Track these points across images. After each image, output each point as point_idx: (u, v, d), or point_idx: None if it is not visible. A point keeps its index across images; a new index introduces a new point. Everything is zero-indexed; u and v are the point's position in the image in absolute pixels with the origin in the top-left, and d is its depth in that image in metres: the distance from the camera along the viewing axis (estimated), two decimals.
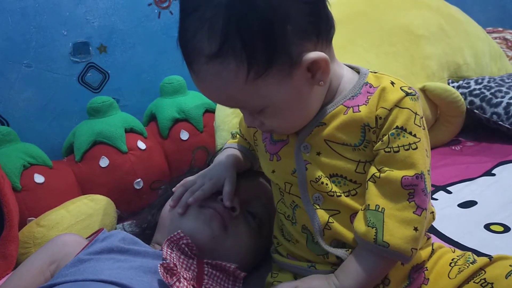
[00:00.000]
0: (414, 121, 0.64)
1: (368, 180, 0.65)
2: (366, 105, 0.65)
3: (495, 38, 1.88)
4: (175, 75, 1.40)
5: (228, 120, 1.18)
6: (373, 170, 0.65)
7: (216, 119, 1.23)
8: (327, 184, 0.67)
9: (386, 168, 0.64)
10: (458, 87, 1.40)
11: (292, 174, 0.70)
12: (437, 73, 1.38)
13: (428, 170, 0.65)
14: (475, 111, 1.37)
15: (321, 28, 0.62)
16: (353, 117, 0.65)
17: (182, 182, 0.83)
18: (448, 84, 1.40)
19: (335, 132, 0.66)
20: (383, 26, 1.40)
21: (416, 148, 0.63)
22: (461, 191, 1.09)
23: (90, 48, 1.39)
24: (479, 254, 0.78)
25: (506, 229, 0.92)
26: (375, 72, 0.70)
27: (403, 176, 0.63)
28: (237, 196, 0.81)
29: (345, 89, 0.68)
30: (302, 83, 0.62)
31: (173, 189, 0.84)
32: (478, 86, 1.38)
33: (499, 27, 2.06)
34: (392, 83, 0.66)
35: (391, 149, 0.63)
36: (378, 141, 0.64)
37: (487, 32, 1.70)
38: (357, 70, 0.71)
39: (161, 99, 1.37)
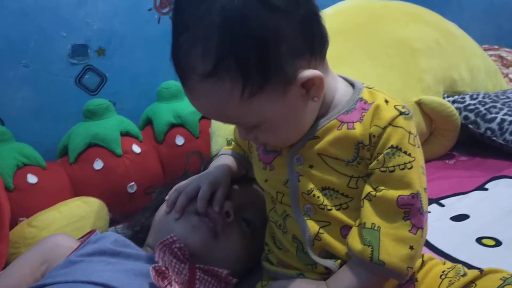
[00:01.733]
0: (409, 140, 0.64)
1: (364, 198, 0.65)
2: (360, 122, 0.65)
3: (491, 55, 1.90)
4: (172, 80, 1.40)
5: (224, 126, 1.18)
6: (368, 188, 0.65)
7: (212, 125, 1.23)
8: (318, 197, 0.67)
9: (382, 187, 0.64)
10: (454, 102, 1.41)
11: (285, 184, 0.70)
12: (433, 87, 1.39)
13: (424, 188, 0.65)
14: (470, 126, 1.38)
15: (315, 45, 0.62)
16: (348, 134, 0.65)
17: (175, 187, 0.83)
18: (444, 98, 1.41)
19: (329, 147, 0.66)
20: (381, 38, 1.41)
21: (412, 167, 0.63)
22: (454, 205, 1.10)
23: (89, 51, 1.39)
24: (470, 267, 0.79)
25: (497, 243, 0.92)
26: (370, 88, 0.69)
27: (399, 196, 0.63)
28: (231, 202, 0.81)
29: (339, 103, 0.68)
30: (296, 100, 0.62)
31: (167, 197, 0.83)
32: (473, 102, 1.39)
33: (495, 45, 2.08)
34: (386, 101, 0.66)
35: (387, 168, 0.64)
36: (373, 160, 0.65)
37: (483, 50, 1.72)
38: (351, 83, 0.71)
39: (157, 104, 1.38)
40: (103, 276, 0.63)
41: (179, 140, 1.31)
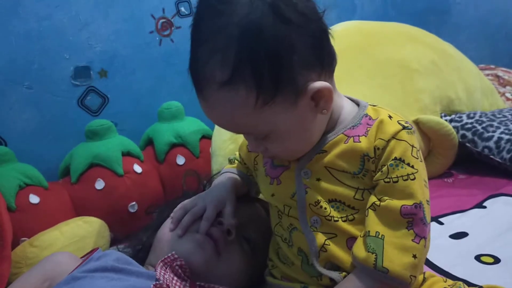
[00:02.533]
0: (412, 153, 0.67)
1: (369, 208, 0.67)
2: (365, 136, 0.68)
3: (488, 75, 1.92)
4: (173, 101, 1.42)
5: (224, 146, 1.19)
6: (373, 199, 0.67)
7: (213, 145, 1.24)
8: (325, 208, 0.69)
9: (386, 198, 0.66)
10: (451, 121, 1.43)
11: (292, 197, 0.72)
12: (430, 107, 1.41)
13: (427, 201, 0.67)
14: (467, 144, 1.40)
15: (325, 60, 0.66)
16: (354, 147, 0.68)
17: (180, 205, 0.84)
18: (441, 117, 1.43)
19: (336, 160, 0.69)
20: (378, 59, 1.43)
21: (414, 178, 0.66)
22: (453, 223, 1.10)
23: (91, 72, 1.41)
24: (469, 284, 0.79)
25: (496, 260, 0.93)
26: (374, 106, 0.73)
27: (402, 205, 0.65)
28: (234, 220, 0.81)
29: (345, 119, 0.71)
30: (306, 111, 0.65)
31: (172, 214, 0.84)
32: (470, 120, 1.41)
33: (491, 65, 2.11)
34: (390, 116, 0.69)
35: (390, 179, 0.66)
36: (378, 172, 0.67)
37: (480, 69, 1.75)
38: (356, 103, 0.74)
39: (158, 124, 1.39)
40: None
41: (180, 160, 1.32)
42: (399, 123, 0.68)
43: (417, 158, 0.68)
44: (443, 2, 2.19)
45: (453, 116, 1.45)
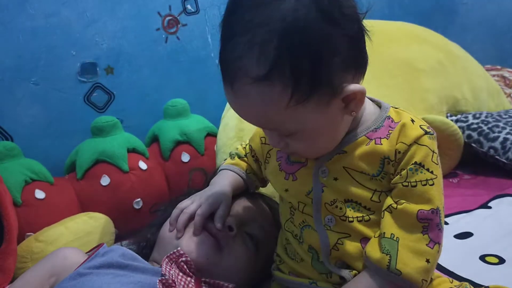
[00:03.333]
0: (432, 159, 0.66)
1: (385, 210, 0.67)
2: (387, 139, 0.67)
3: (494, 75, 1.92)
4: (179, 98, 1.42)
5: (230, 143, 1.19)
6: (390, 201, 0.67)
7: (218, 142, 1.24)
8: (341, 208, 0.69)
9: (403, 201, 0.66)
10: (457, 121, 1.43)
11: (307, 195, 0.71)
12: (436, 107, 1.41)
13: (443, 207, 0.67)
14: (473, 145, 1.39)
15: (360, 62, 0.65)
16: (375, 149, 0.67)
17: (177, 206, 0.84)
18: (447, 117, 1.43)
19: (355, 161, 0.68)
20: (384, 59, 1.43)
21: (433, 184, 0.66)
22: (458, 223, 1.10)
23: (98, 69, 1.42)
24: (474, 285, 0.79)
25: (501, 260, 0.93)
26: (396, 108, 0.72)
27: (419, 210, 0.65)
28: (234, 217, 0.82)
29: (367, 121, 0.70)
30: (336, 112, 0.64)
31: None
32: (476, 121, 1.41)
33: (498, 66, 2.10)
34: (412, 120, 0.69)
35: (409, 183, 0.66)
36: (396, 175, 0.67)
37: (486, 70, 1.74)
38: (378, 104, 0.74)
39: (164, 121, 1.40)
40: None
41: (185, 157, 1.33)
42: (421, 128, 0.67)
43: (437, 164, 0.67)
44: (449, 2, 2.19)
45: (459, 116, 1.45)
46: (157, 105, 1.46)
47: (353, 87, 0.62)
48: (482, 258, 0.94)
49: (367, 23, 0.66)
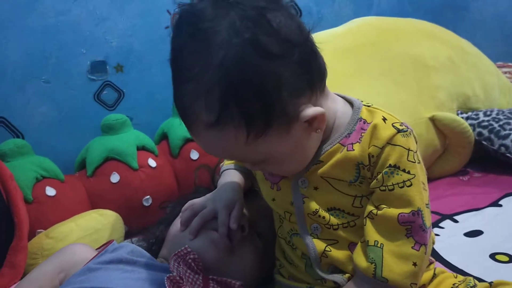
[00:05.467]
0: (407, 158, 0.65)
1: (366, 216, 0.66)
2: (359, 143, 0.66)
3: (505, 72, 1.90)
4: None
5: None
6: (370, 207, 0.66)
7: None
8: (324, 217, 0.69)
9: (383, 206, 0.65)
10: (467, 118, 1.41)
11: (291, 204, 0.71)
12: (446, 104, 1.40)
13: (426, 204, 0.66)
14: (483, 142, 1.38)
15: (314, 81, 0.63)
16: (348, 156, 0.66)
17: (188, 205, 0.84)
18: (457, 115, 1.42)
19: (331, 170, 0.67)
20: (393, 56, 1.42)
21: (411, 185, 0.64)
22: (468, 221, 1.10)
23: (107, 67, 1.42)
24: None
25: (511, 259, 0.92)
26: (368, 106, 0.70)
27: (400, 213, 0.64)
28: (245, 216, 0.82)
29: (340, 125, 0.69)
30: (300, 134, 0.63)
31: (180, 214, 0.84)
32: (486, 118, 1.39)
33: (509, 63, 2.08)
34: (384, 119, 0.66)
35: (386, 187, 0.64)
36: (373, 179, 0.66)
37: (497, 66, 1.72)
38: (350, 102, 0.71)
39: (173, 119, 1.40)
40: (120, 283, 0.64)
41: (194, 155, 1.33)
42: (393, 126, 0.65)
43: (414, 162, 0.65)
44: None
45: (469, 113, 1.44)
46: (167, 102, 1.46)
47: (310, 111, 0.61)
48: (492, 256, 0.94)
49: (376, 20, 0.65)
